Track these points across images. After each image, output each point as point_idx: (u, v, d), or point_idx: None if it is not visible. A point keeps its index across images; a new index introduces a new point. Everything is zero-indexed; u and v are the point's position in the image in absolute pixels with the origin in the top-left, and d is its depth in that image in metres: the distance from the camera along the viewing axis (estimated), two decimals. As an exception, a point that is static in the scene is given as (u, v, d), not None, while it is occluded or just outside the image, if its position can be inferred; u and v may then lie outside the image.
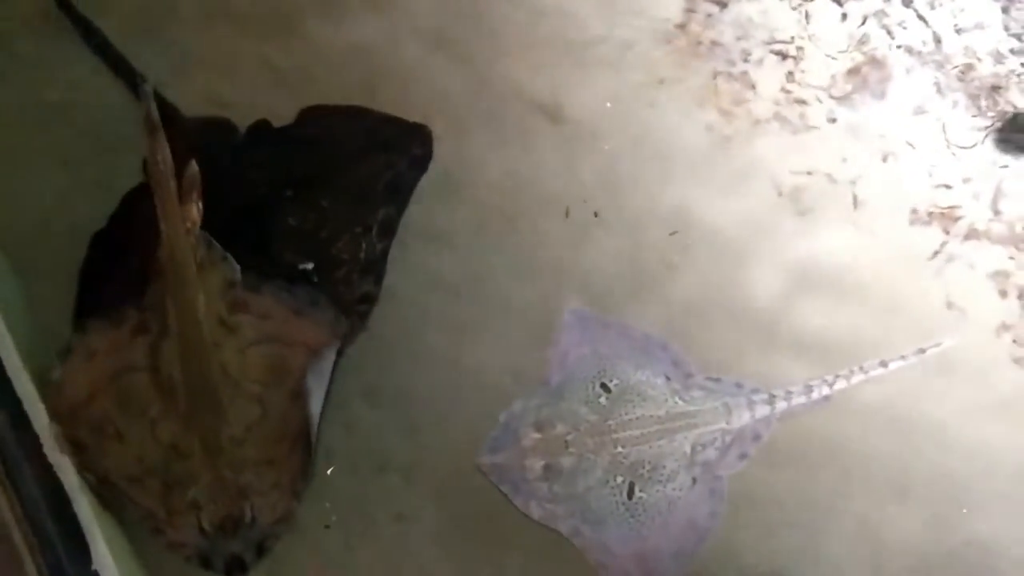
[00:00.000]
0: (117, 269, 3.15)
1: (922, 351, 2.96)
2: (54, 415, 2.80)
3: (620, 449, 2.92)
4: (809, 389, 2.98)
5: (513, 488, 2.98)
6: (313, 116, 3.22)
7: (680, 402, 2.99)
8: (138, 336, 2.90)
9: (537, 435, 2.95)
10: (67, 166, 3.20)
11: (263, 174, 3.15)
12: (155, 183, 2.85)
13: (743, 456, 3.00)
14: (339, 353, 2.98)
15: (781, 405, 2.97)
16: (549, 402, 3.01)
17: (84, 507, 2.71)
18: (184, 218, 2.86)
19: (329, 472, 2.96)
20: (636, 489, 2.93)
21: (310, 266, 3.01)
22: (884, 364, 2.97)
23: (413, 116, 3.24)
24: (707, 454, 2.97)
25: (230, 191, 3.10)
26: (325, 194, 3.12)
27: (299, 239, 3.07)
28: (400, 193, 3.17)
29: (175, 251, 2.83)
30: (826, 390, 2.98)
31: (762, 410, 2.97)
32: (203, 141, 3.14)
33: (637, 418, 2.95)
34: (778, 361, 3.06)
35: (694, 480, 2.96)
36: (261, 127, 3.21)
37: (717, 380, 3.05)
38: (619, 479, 2.93)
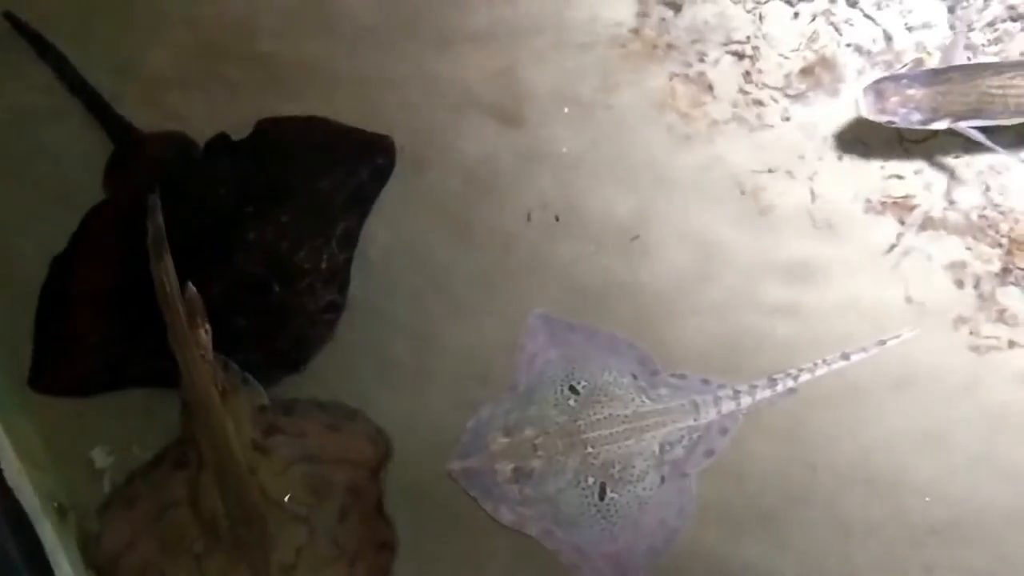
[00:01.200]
0: (80, 294, 3.14)
1: (883, 343, 3.00)
2: (95, 569, 2.77)
3: (590, 450, 2.94)
4: (774, 383, 3.01)
5: (483, 493, 2.99)
6: (272, 128, 3.22)
7: (647, 401, 3.01)
8: (178, 471, 2.87)
9: (506, 439, 2.96)
10: (22, 181, 3.17)
11: (223, 188, 3.15)
12: (164, 308, 2.81)
13: (710, 452, 3.03)
14: (306, 360, 2.98)
15: (746, 400, 3.00)
16: (517, 406, 3.02)
17: (48, 531, 2.68)
18: (196, 344, 2.80)
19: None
20: (608, 490, 2.94)
21: (273, 278, 3.00)
22: (846, 356, 3.01)
23: (373, 126, 3.26)
24: (675, 452, 2.99)
25: (190, 206, 3.10)
26: (286, 206, 3.13)
27: (260, 251, 3.07)
28: (362, 203, 3.19)
29: (194, 379, 2.78)
30: (790, 383, 3.01)
31: (728, 405, 3.00)
32: (161, 157, 3.14)
33: (606, 417, 2.97)
34: (743, 356, 3.09)
35: (663, 479, 2.98)
36: (220, 141, 3.21)
37: (683, 377, 3.08)
38: (590, 480, 2.94)
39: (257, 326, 3.05)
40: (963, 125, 2.63)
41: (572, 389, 3.02)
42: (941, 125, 2.61)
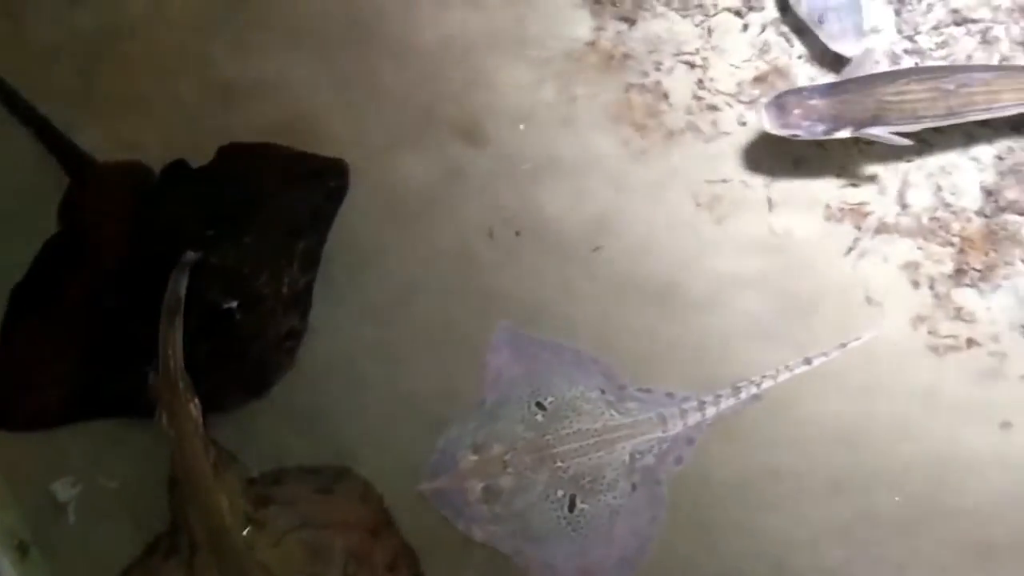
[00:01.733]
0: (38, 325, 3.10)
1: (843, 346, 3.03)
2: None
3: (559, 464, 2.94)
4: (737, 391, 3.03)
5: (455, 512, 2.98)
6: (229, 154, 3.22)
7: (616, 414, 3.02)
8: (170, 558, 2.79)
9: (475, 457, 2.96)
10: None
11: (182, 215, 3.14)
12: (163, 381, 2.75)
13: (679, 460, 3.04)
14: (268, 387, 2.96)
15: (711, 411, 3.03)
16: (485, 423, 3.02)
17: (7, 568, 2.64)
18: (190, 419, 2.75)
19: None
20: (577, 501, 2.95)
21: (234, 304, 2.99)
22: (808, 361, 3.04)
23: (331, 147, 3.26)
24: (646, 460, 3.01)
25: (148, 235, 3.08)
26: (246, 231, 3.12)
27: (222, 277, 3.05)
28: (320, 225, 3.19)
29: (187, 455, 2.72)
30: (754, 390, 3.04)
31: (694, 417, 3.02)
32: (117, 186, 3.12)
33: (574, 432, 2.97)
34: (707, 365, 3.11)
35: (634, 486, 2.99)
36: (177, 168, 3.20)
37: (648, 391, 3.09)
38: (559, 493, 2.95)
39: (218, 352, 3.03)
40: (867, 132, 2.68)
41: (539, 405, 3.03)
42: (844, 134, 2.66)
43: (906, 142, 2.79)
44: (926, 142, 3.00)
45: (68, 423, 3.12)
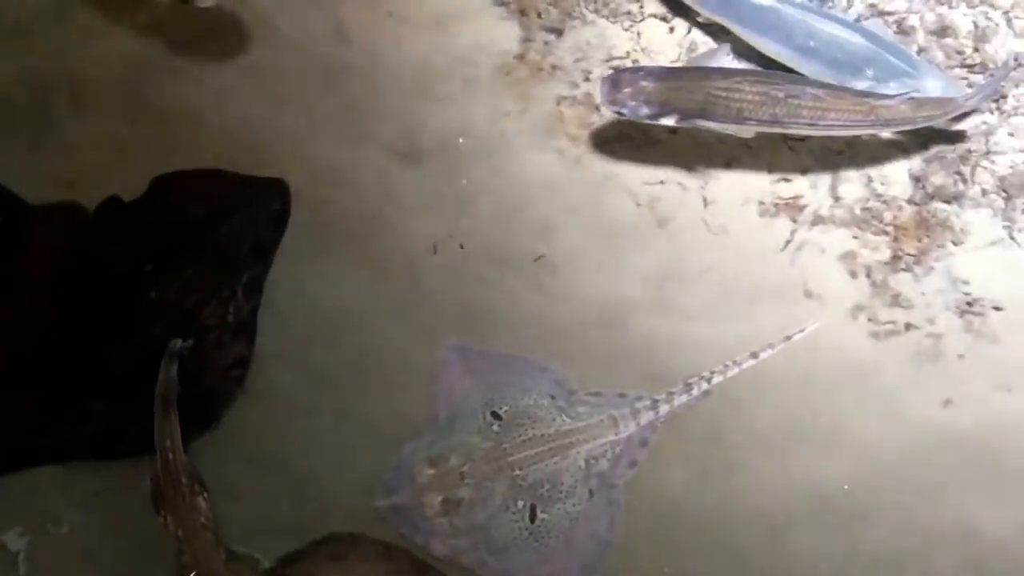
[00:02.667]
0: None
1: (788, 338, 3.08)
2: None
3: (517, 472, 2.96)
4: (688, 387, 3.07)
5: (413, 528, 2.99)
6: (165, 185, 3.20)
7: (568, 419, 3.04)
8: None
9: (431, 471, 2.97)
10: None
11: (118, 252, 3.11)
12: (163, 474, 2.64)
13: (633, 464, 3.07)
14: (218, 418, 2.94)
15: (664, 408, 3.06)
16: (440, 438, 3.03)
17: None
18: (198, 513, 2.67)
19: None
20: (538, 511, 2.96)
21: (188, 343, 2.93)
22: (755, 355, 3.09)
23: (269, 171, 3.25)
24: (600, 465, 3.03)
25: (85, 276, 3.05)
26: (186, 262, 3.10)
27: (164, 312, 3.03)
28: (263, 251, 3.18)
29: (197, 551, 2.62)
30: (705, 385, 3.08)
31: (647, 416, 3.05)
32: (51, 228, 3.08)
33: (530, 439, 3.00)
34: (656, 364, 3.15)
35: (591, 492, 3.02)
36: (111, 204, 3.17)
37: (598, 394, 3.12)
38: (520, 503, 2.96)
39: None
40: (692, 122, 2.64)
41: (495, 415, 3.04)
42: (669, 121, 2.61)
43: (748, 133, 2.70)
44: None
45: (11, 472, 3.07)
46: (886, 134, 2.88)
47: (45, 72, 3.35)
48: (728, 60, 2.87)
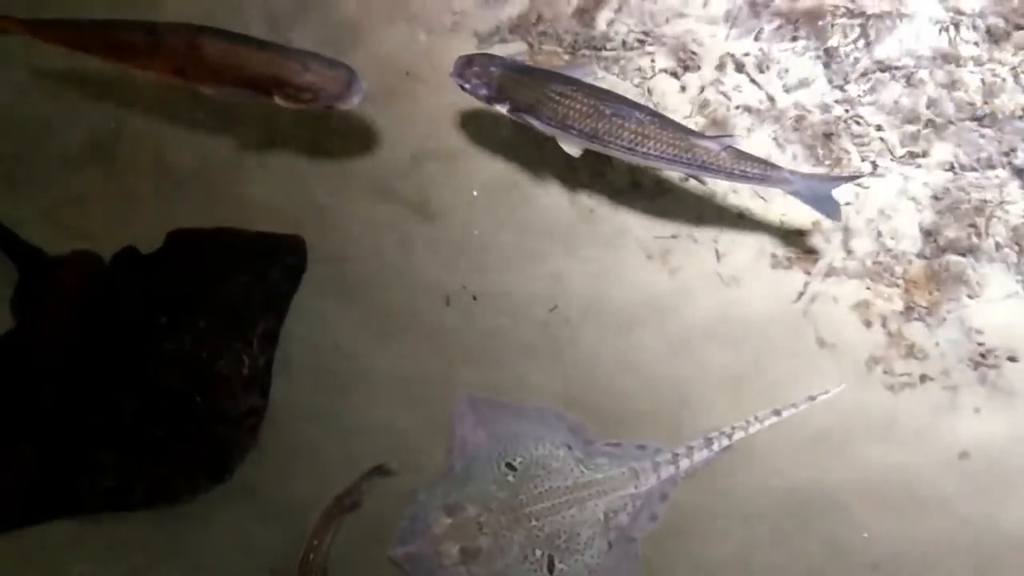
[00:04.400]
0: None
1: (812, 398, 3.08)
2: None
3: (535, 522, 2.93)
4: (709, 442, 3.06)
5: None
6: (181, 239, 3.21)
7: (586, 471, 3.02)
8: None
9: (448, 520, 2.94)
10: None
11: (134, 302, 3.11)
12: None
13: (653, 517, 3.05)
14: (231, 470, 2.92)
15: (685, 463, 3.04)
16: (455, 487, 3.01)
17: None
18: None
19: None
20: (556, 562, 2.93)
21: (194, 391, 2.94)
22: (778, 412, 3.08)
23: (285, 226, 3.26)
24: (619, 519, 3.01)
25: (102, 324, 3.06)
26: (201, 315, 3.10)
27: (178, 363, 3.03)
28: (278, 303, 3.18)
29: None
30: (725, 441, 3.06)
31: (667, 470, 3.03)
32: (68, 278, 3.10)
33: (547, 490, 2.97)
34: (670, 417, 3.14)
35: (610, 544, 2.99)
36: (127, 255, 3.19)
37: (617, 445, 3.11)
38: (537, 553, 2.93)
39: (179, 438, 2.99)
40: (522, 116, 2.67)
41: (509, 466, 3.02)
42: (502, 109, 2.67)
43: (573, 148, 2.73)
44: (861, 185, 3.09)
45: (26, 525, 3.05)
46: (708, 179, 2.83)
47: (60, 127, 3.39)
48: (588, 77, 2.87)
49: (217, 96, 2.64)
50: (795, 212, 3.12)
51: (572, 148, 2.70)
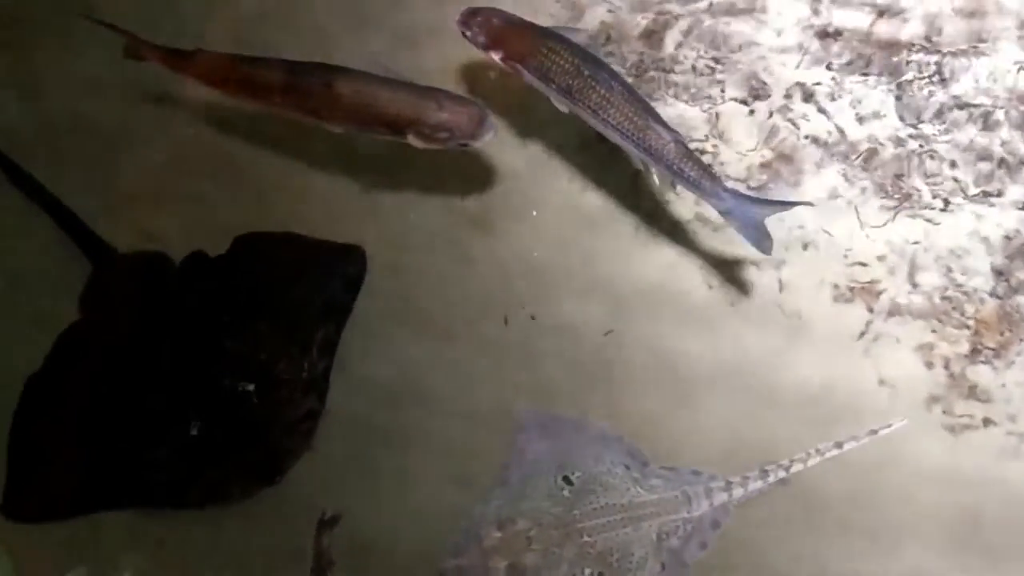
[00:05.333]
0: (55, 414, 3.12)
1: (874, 432, 3.01)
2: None
3: (586, 539, 2.90)
4: (765, 474, 3.01)
5: None
6: (247, 244, 3.28)
7: (642, 491, 2.99)
8: None
9: (499, 534, 2.93)
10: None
11: (200, 302, 3.18)
12: None
13: (703, 545, 3.00)
14: (282, 472, 2.95)
15: (738, 491, 3.00)
16: (509, 500, 3.00)
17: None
18: None
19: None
20: None
21: (251, 387, 3.01)
22: (839, 445, 3.01)
23: (346, 235, 3.31)
24: (671, 542, 2.97)
25: (168, 322, 3.12)
26: (262, 317, 3.16)
27: (238, 362, 3.08)
28: (337, 312, 3.23)
29: None
30: (782, 473, 3.01)
31: (720, 497, 2.99)
32: (138, 276, 3.18)
33: (602, 507, 2.94)
34: (723, 449, 3.09)
35: (663, 566, 2.94)
36: (196, 258, 3.27)
37: (672, 469, 3.07)
38: (587, 572, 2.90)
39: (234, 438, 3.04)
40: (511, 64, 2.66)
41: (566, 480, 3.00)
42: (495, 56, 2.65)
43: (562, 107, 2.69)
44: (931, 222, 3.04)
45: (82, 514, 3.12)
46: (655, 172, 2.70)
47: (136, 127, 3.49)
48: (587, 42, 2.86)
49: (345, 133, 2.64)
50: (860, 244, 3.09)
51: (560, 105, 2.70)
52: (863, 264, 3.10)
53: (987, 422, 2.99)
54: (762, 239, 2.62)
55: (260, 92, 2.60)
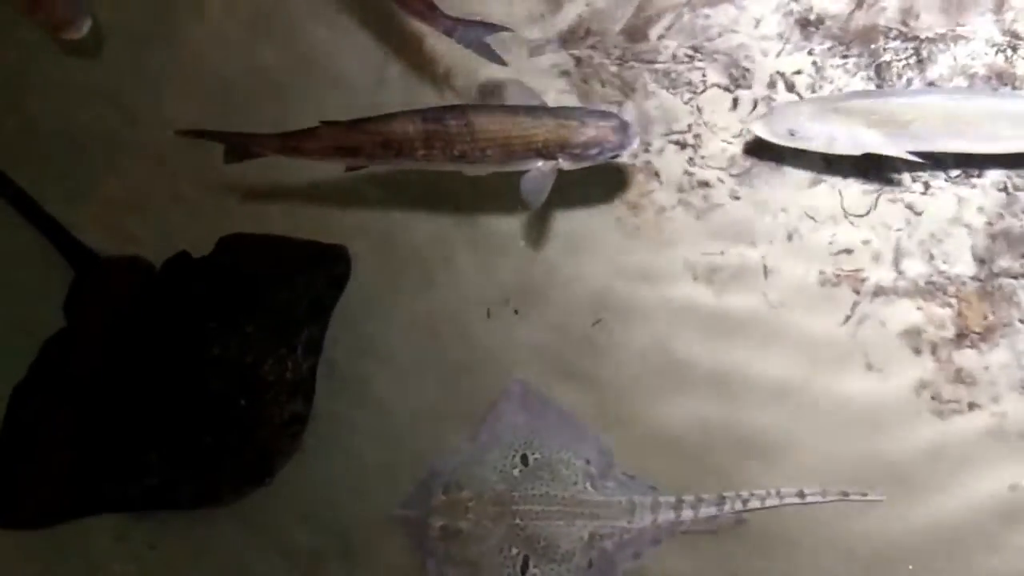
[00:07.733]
0: (42, 422, 3.12)
1: (845, 495, 2.97)
2: None
3: (518, 521, 2.94)
4: (721, 501, 2.97)
5: (416, 542, 3.02)
6: (231, 245, 3.27)
7: (590, 489, 3.00)
8: None
9: (443, 497, 2.99)
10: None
11: (184, 306, 3.17)
12: None
13: (637, 555, 3.00)
14: (272, 474, 2.95)
15: (687, 513, 2.97)
16: (466, 464, 3.03)
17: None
18: None
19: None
20: (531, 564, 2.94)
21: (238, 389, 2.99)
22: (801, 495, 2.96)
23: (331, 235, 3.30)
24: (604, 544, 2.97)
25: (150, 328, 3.11)
26: (248, 319, 3.15)
27: (225, 366, 3.07)
28: (322, 312, 3.23)
29: None
30: (739, 505, 2.97)
31: (666, 514, 2.98)
32: (122, 280, 3.17)
33: (542, 495, 2.97)
34: (699, 454, 3.08)
35: (590, 562, 2.96)
36: (179, 260, 3.25)
37: (632, 478, 3.07)
38: (514, 551, 2.94)
39: (224, 441, 3.04)
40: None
41: (523, 459, 3.03)
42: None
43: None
44: (912, 208, 3.04)
45: (71, 519, 3.11)
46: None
47: (116, 133, 3.47)
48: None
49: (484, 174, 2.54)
50: (845, 230, 3.09)
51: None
52: (848, 251, 3.11)
53: (972, 406, 3.00)
54: (491, 54, 2.57)
55: (401, 150, 2.47)
